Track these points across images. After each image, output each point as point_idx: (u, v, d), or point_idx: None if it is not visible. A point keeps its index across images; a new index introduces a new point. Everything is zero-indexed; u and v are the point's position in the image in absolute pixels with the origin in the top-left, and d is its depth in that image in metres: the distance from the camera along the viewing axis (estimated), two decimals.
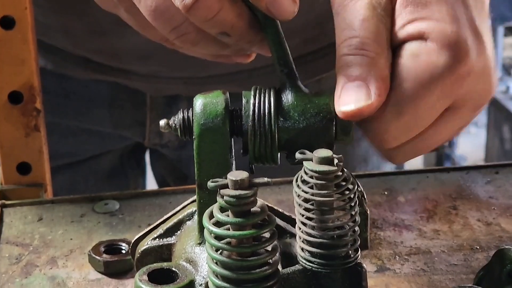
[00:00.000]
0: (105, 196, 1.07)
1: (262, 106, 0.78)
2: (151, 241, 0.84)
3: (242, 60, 0.87)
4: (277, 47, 0.80)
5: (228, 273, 0.71)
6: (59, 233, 1.00)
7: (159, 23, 0.81)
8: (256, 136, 0.78)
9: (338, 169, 0.73)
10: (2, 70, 1.04)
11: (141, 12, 0.81)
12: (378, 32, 0.77)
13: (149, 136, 1.33)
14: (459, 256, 0.94)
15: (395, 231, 0.99)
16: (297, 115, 0.78)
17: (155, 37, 0.87)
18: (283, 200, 1.04)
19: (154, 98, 1.29)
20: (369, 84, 0.76)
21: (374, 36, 0.77)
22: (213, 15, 0.77)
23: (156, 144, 1.35)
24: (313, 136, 0.78)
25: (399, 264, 0.93)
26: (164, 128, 0.81)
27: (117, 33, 1.16)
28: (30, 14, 1.02)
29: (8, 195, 1.09)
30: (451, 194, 1.06)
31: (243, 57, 0.87)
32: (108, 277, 0.92)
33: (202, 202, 0.80)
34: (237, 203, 0.70)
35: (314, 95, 0.80)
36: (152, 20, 0.81)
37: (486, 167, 1.12)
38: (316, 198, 0.74)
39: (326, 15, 0.84)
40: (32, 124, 1.07)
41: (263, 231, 0.71)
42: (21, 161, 1.09)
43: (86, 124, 1.33)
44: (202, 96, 0.79)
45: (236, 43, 0.81)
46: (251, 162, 0.80)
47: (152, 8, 0.80)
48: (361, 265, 0.75)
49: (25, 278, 0.92)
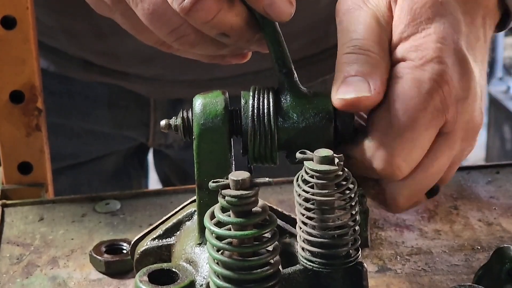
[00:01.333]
0: (106, 196, 1.07)
1: (261, 107, 0.78)
2: (150, 241, 0.84)
3: (238, 61, 0.87)
4: (276, 47, 0.79)
5: (230, 273, 0.71)
6: (60, 233, 1.00)
7: (157, 26, 0.80)
8: (256, 137, 0.78)
9: (338, 168, 0.73)
10: (3, 70, 1.04)
11: (137, 16, 0.81)
12: (380, 40, 0.79)
13: (154, 136, 1.33)
14: (460, 256, 0.94)
15: (396, 231, 0.99)
16: (296, 115, 0.78)
17: (151, 40, 0.86)
18: (284, 200, 1.04)
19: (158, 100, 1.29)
20: (370, 81, 0.77)
21: (377, 41, 0.78)
22: (212, 17, 0.77)
23: (161, 145, 1.35)
24: (312, 136, 0.78)
25: (400, 264, 0.93)
26: (164, 128, 0.81)
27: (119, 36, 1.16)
28: (31, 14, 1.02)
29: (9, 195, 1.09)
30: (452, 194, 1.06)
31: (239, 57, 0.87)
32: (109, 277, 0.92)
33: (202, 202, 0.80)
34: (239, 203, 0.70)
35: (313, 95, 0.80)
36: (150, 23, 0.81)
37: (487, 167, 1.12)
38: (316, 197, 0.74)
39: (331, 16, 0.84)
40: (33, 123, 1.07)
41: (265, 231, 0.71)
42: (22, 160, 1.09)
43: (91, 125, 1.33)
44: (201, 96, 0.79)
45: (234, 43, 0.81)
46: (250, 162, 0.80)
47: (149, 11, 0.80)
48: (361, 265, 0.75)
49: (26, 278, 0.92)
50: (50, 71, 1.26)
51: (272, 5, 0.77)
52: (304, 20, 1.15)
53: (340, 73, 0.78)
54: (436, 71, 0.77)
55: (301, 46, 1.21)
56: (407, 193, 0.80)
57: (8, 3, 1.01)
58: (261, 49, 0.82)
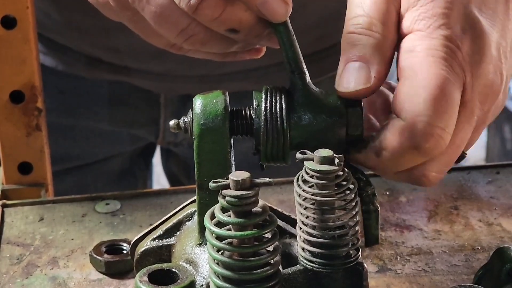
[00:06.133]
0: (106, 196, 1.07)
1: (274, 107, 0.78)
2: (150, 242, 0.84)
3: (252, 56, 0.87)
4: (287, 46, 0.79)
5: (230, 273, 0.71)
6: (60, 233, 1.00)
7: (165, 28, 0.80)
8: (269, 137, 0.78)
9: (339, 168, 0.73)
10: (3, 70, 1.04)
11: (145, 20, 0.81)
12: (387, 14, 0.78)
13: (164, 134, 1.33)
14: (460, 257, 0.94)
15: (397, 232, 0.99)
16: (309, 116, 0.78)
17: (161, 43, 0.86)
18: (284, 200, 1.04)
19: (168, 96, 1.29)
20: (371, 66, 0.77)
21: (383, 18, 0.78)
22: (220, 13, 0.77)
23: (170, 143, 1.35)
24: (324, 136, 0.78)
25: (401, 264, 0.93)
26: (173, 128, 0.81)
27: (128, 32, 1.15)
28: (32, 14, 1.02)
29: (9, 195, 1.09)
30: (452, 194, 1.06)
31: (253, 52, 0.86)
32: (109, 277, 0.92)
33: (202, 202, 0.80)
34: (239, 203, 0.70)
35: (325, 94, 0.80)
36: (158, 26, 0.80)
37: (487, 167, 1.12)
38: (317, 197, 0.74)
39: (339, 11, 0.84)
40: (33, 123, 1.07)
41: (265, 231, 0.71)
42: (22, 161, 1.09)
43: (99, 124, 1.33)
44: (201, 96, 0.79)
45: (244, 39, 0.81)
46: (262, 161, 0.80)
47: (157, 14, 0.79)
48: (362, 265, 0.75)
49: (26, 278, 0.92)
50: (58, 69, 1.26)
51: (265, 4, 0.77)
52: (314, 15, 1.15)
53: (343, 56, 0.78)
54: (445, 37, 0.77)
55: (311, 41, 1.20)
56: (437, 167, 0.79)
57: (8, 3, 1.01)
58: (272, 44, 0.82)
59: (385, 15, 0.78)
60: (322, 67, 1.23)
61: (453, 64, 0.76)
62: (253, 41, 0.82)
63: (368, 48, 0.77)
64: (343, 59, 0.78)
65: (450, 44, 0.77)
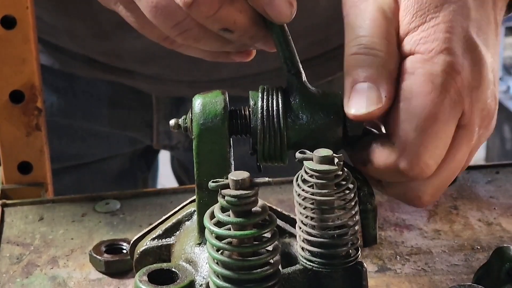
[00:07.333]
0: (106, 196, 1.07)
1: (270, 107, 0.78)
2: (150, 241, 0.84)
3: (242, 59, 0.86)
4: (284, 46, 0.79)
5: (229, 273, 0.71)
6: (60, 232, 1.00)
7: (160, 19, 0.80)
8: (266, 137, 0.78)
9: (338, 168, 0.73)
10: (3, 70, 1.04)
11: (141, 10, 0.81)
12: (387, 34, 0.78)
13: (157, 137, 1.33)
14: (460, 256, 0.94)
15: (396, 231, 0.99)
16: (306, 116, 0.78)
17: (154, 35, 0.85)
18: (284, 200, 1.04)
19: (160, 99, 1.29)
20: (379, 86, 0.76)
21: (384, 37, 0.78)
22: (215, 11, 0.76)
23: (165, 146, 1.35)
24: (321, 136, 0.78)
25: (400, 264, 0.93)
26: (174, 127, 0.81)
27: (119, 37, 1.15)
28: (31, 14, 1.02)
29: (9, 194, 1.09)
30: (452, 194, 1.06)
31: (243, 55, 0.86)
32: (109, 277, 0.92)
33: (202, 202, 0.79)
34: (239, 203, 0.70)
35: (322, 94, 0.80)
36: (153, 17, 0.80)
37: (486, 167, 1.12)
38: (316, 197, 0.74)
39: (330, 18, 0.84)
40: (33, 123, 1.07)
41: (264, 231, 0.71)
42: (22, 160, 1.09)
43: (94, 125, 1.33)
44: (201, 96, 0.79)
45: (239, 39, 0.81)
46: (259, 161, 0.80)
47: (153, 5, 0.79)
48: (361, 264, 0.75)
49: (26, 278, 0.92)
50: (55, 68, 1.26)
51: (272, 4, 0.76)
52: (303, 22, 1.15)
53: (349, 78, 0.78)
54: (447, 63, 0.76)
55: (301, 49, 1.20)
56: (431, 190, 0.79)
57: (8, 3, 1.01)
58: (266, 47, 0.82)
59: (387, 35, 0.78)
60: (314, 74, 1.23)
61: (452, 91, 0.76)
62: (247, 42, 0.81)
63: (374, 68, 0.77)
64: (349, 81, 0.77)
65: (451, 71, 0.76)
